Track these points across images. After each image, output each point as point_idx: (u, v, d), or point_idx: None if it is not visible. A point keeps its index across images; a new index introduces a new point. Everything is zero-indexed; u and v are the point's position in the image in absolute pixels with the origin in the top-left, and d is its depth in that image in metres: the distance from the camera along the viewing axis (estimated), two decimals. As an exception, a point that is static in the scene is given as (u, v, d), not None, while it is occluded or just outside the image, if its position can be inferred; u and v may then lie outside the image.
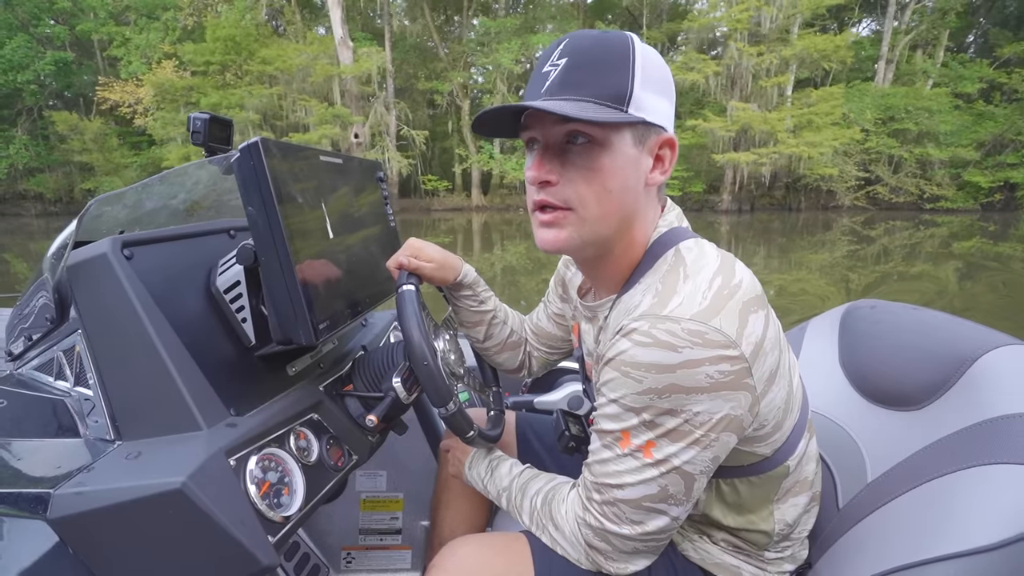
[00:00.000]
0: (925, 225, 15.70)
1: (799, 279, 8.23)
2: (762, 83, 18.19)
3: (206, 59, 18.53)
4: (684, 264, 0.70)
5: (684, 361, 0.62)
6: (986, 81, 19.39)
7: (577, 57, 0.65)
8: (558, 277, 1.06)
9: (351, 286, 0.96)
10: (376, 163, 1.19)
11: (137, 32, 20.37)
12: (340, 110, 18.59)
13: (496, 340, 1.09)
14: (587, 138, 0.66)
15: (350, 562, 1.43)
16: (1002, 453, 0.66)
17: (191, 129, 0.87)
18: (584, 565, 0.78)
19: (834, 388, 1.02)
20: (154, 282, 0.77)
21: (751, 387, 0.65)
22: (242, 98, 18.04)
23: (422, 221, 18.55)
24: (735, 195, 19.80)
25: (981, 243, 12.01)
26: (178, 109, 18.74)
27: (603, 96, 0.65)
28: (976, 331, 0.87)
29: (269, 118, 19.10)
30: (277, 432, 0.81)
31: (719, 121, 17.95)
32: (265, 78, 18.89)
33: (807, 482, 0.83)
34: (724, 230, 15.07)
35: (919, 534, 0.66)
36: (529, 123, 0.70)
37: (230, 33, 18.38)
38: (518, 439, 1.17)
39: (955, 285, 7.70)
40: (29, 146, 20.87)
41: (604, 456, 0.71)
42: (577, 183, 0.68)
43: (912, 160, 18.92)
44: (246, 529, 0.68)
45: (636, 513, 0.70)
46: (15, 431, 0.82)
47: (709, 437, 0.65)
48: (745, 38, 17.86)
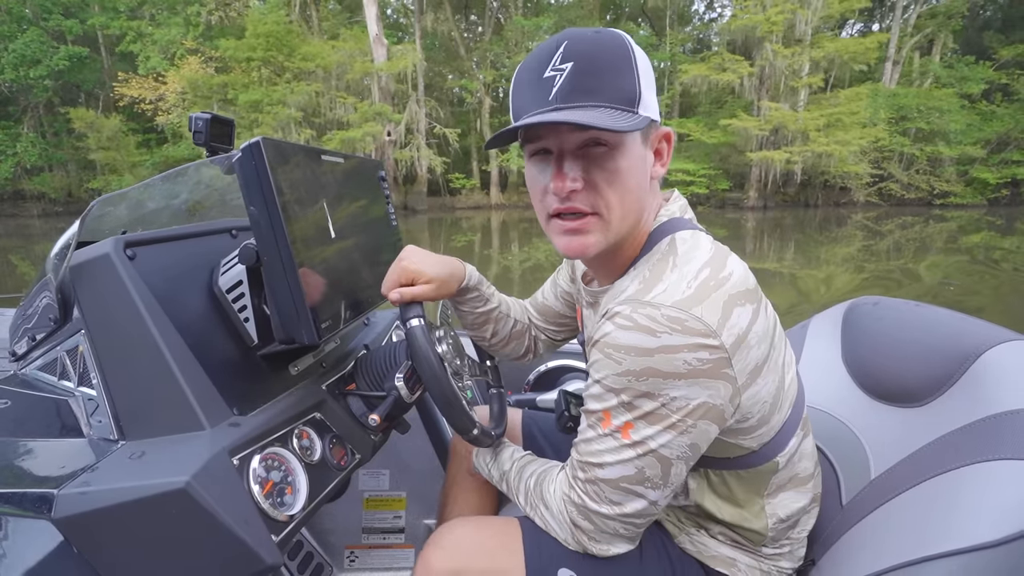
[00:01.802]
0: (936, 220, 16.21)
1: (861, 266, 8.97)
2: (793, 83, 18.68)
3: (247, 55, 18.29)
4: (675, 254, 0.71)
5: (662, 346, 0.63)
6: (986, 81, 20.15)
7: (584, 63, 0.65)
8: (566, 260, 1.07)
9: (353, 285, 0.96)
10: (378, 162, 1.19)
11: (155, 27, 20.08)
12: (382, 107, 18.50)
13: (502, 335, 1.10)
14: (604, 143, 0.67)
15: (353, 561, 1.44)
16: (1006, 449, 0.66)
17: (193, 129, 0.88)
18: (571, 545, 0.79)
19: (837, 385, 1.01)
20: (157, 282, 0.77)
21: (731, 377, 0.66)
22: (284, 95, 17.85)
23: (446, 219, 18.65)
24: (761, 192, 20.26)
25: (989, 236, 12.54)
26: (212, 106, 18.41)
27: (617, 100, 0.66)
28: (979, 327, 0.86)
29: (307, 115, 18.90)
30: (280, 431, 0.81)
31: (753, 120, 18.34)
32: (304, 75, 18.66)
33: (801, 479, 0.83)
34: (752, 226, 15.45)
35: (923, 530, 0.65)
36: (541, 133, 0.69)
37: (273, 29, 18.19)
38: (524, 437, 1.18)
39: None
40: (36, 143, 20.44)
41: (588, 435, 0.73)
42: (601, 188, 0.69)
43: (923, 158, 19.51)
44: (250, 528, 0.68)
45: (615, 493, 0.72)
46: (19, 431, 0.82)
47: (686, 423, 0.67)
48: (780, 39, 18.38)
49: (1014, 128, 18.98)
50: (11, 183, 20.78)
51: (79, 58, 20.18)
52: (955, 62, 21.02)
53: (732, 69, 18.29)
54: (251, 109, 17.75)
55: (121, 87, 19.15)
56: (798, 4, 17.76)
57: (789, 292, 6.97)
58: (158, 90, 18.94)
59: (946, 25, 20.66)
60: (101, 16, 20.45)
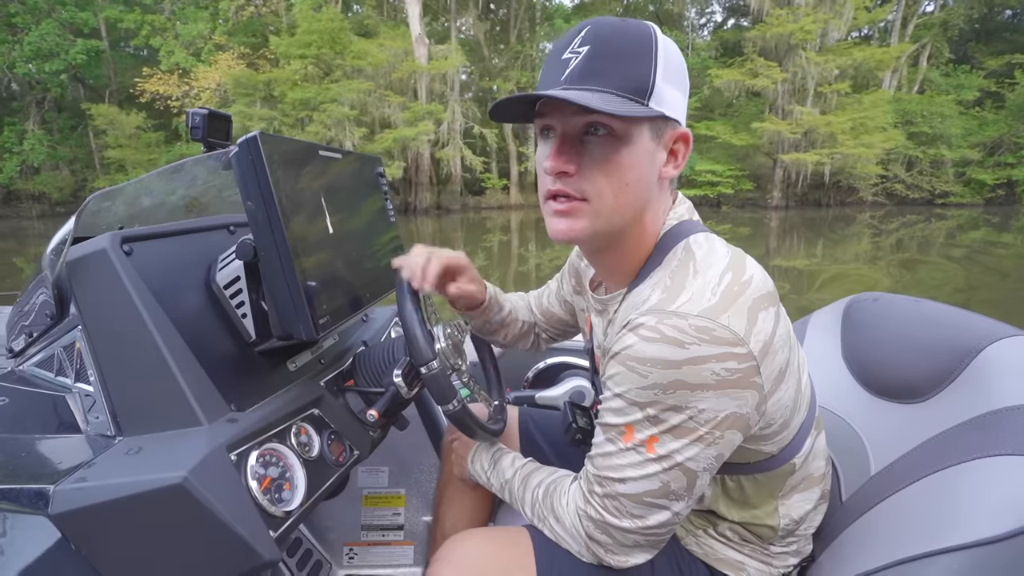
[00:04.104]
0: (937, 217, 17.34)
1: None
2: (821, 88, 19.45)
3: (301, 51, 18.10)
4: (694, 259, 0.69)
5: (690, 358, 0.61)
6: (977, 89, 21.83)
7: (600, 46, 0.64)
8: (571, 267, 1.06)
9: (351, 281, 0.96)
10: (376, 158, 1.19)
11: (174, 22, 19.76)
12: (434, 106, 18.48)
13: (512, 336, 1.13)
14: (607, 130, 0.65)
15: (352, 558, 1.43)
16: (1006, 445, 0.66)
17: (190, 124, 0.87)
18: (585, 557, 0.78)
19: (837, 381, 1.01)
20: (154, 278, 0.77)
21: (759, 385, 0.65)
22: (338, 93, 17.66)
23: (471, 219, 18.91)
24: (784, 192, 21.08)
25: (986, 232, 13.72)
26: (254, 103, 18.23)
27: (625, 88, 0.64)
28: (980, 323, 0.86)
29: (357, 114, 18.84)
30: (278, 427, 0.81)
31: (784, 124, 19.10)
32: (353, 73, 18.49)
33: (814, 479, 0.82)
34: (776, 225, 16.12)
35: (923, 526, 0.65)
36: (546, 111, 0.68)
37: (328, 26, 18.01)
38: (521, 434, 1.17)
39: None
40: (43, 140, 19.76)
41: (607, 449, 0.71)
42: (595, 175, 0.67)
43: (926, 160, 20.66)
44: (247, 523, 0.67)
45: (637, 507, 0.70)
46: (16, 427, 0.82)
47: (713, 435, 0.65)
48: (815, 47, 19.28)
49: (1007, 132, 20.43)
50: (16, 182, 20.26)
51: (96, 52, 19.71)
52: (951, 70, 22.43)
53: (765, 74, 19.05)
54: (299, 107, 17.60)
55: (144, 83, 18.72)
56: (832, 14, 18.75)
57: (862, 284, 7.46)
58: (182, 87, 18.60)
59: (942, 35, 22.18)
60: (113, 9, 20.04)
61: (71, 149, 20.62)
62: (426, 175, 20.06)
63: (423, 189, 20.32)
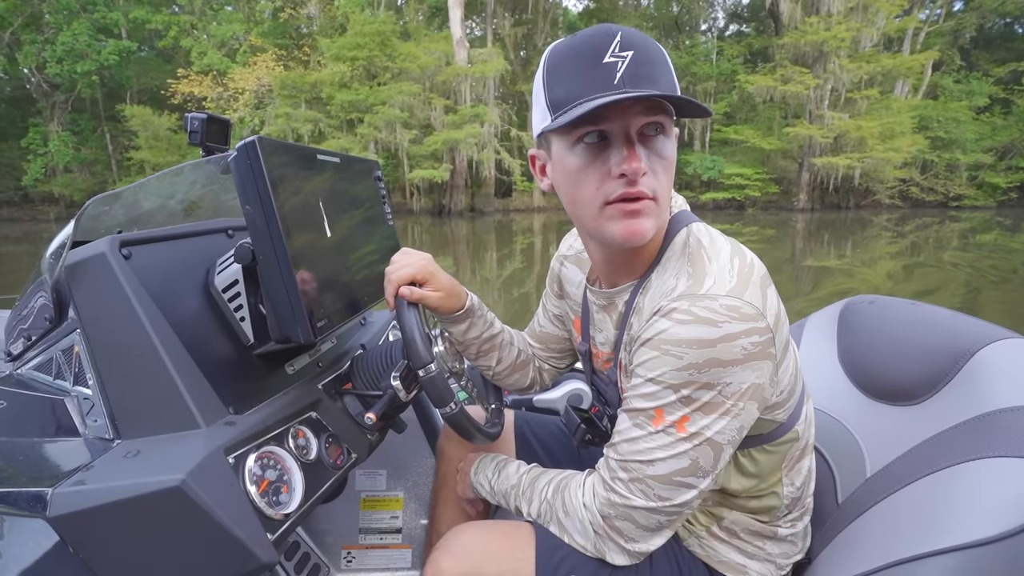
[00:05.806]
0: (952, 220, 17.78)
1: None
2: (851, 94, 20.25)
3: (352, 54, 18.19)
4: (703, 247, 0.74)
5: (724, 335, 0.65)
6: (988, 96, 22.80)
7: (642, 53, 0.66)
8: (552, 276, 1.06)
9: (349, 284, 0.97)
10: (374, 162, 1.19)
11: (207, 23, 19.69)
12: (481, 109, 18.58)
13: (507, 363, 1.08)
14: (659, 129, 0.69)
15: (350, 561, 1.44)
16: (1001, 446, 0.66)
17: (188, 128, 0.88)
18: (589, 552, 0.79)
19: (833, 383, 1.01)
20: (152, 281, 0.77)
21: (773, 356, 0.69)
22: (389, 95, 17.80)
23: (501, 221, 19.02)
24: (809, 195, 21.62)
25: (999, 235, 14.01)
26: (299, 105, 18.22)
27: (670, 91, 0.67)
28: (974, 325, 0.86)
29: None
30: (276, 430, 0.81)
31: (816, 128, 19.78)
32: (401, 75, 18.54)
33: (809, 446, 0.85)
34: (806, 227, 16.41)
35: (919, 528, 0.65)
36: (606, 116, 0.68)
37: (381, 29, 18.18)
38: (516, 439, 1.17)
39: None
40: (68, 142, 19.55)
41: (634, 435, 0.72)
42: (659, 173, 0.70)
43: (942, 164, 21.41)
44: (245, 526, 0.68)
45: (665, 488, 0.72)
46: (14, 431, 0.82)
47: (737, 407, 0.68)
48: (847, 54, 19.81)
49: (1019, 137, 21.36)
50: (37, 184, 19.99)
51: (129, 52, 19.49)
52: (963, 77, 23.31)
53: (798, 80, 19.55)
54: (347, 108, 17.68)
55: (177, 84, 18.61)
56: (863, 23, 19.69)
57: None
58: (216, 88, 18.53)
59: (953, 43, 22.75)
60: (141, 10, 19.82)
61: (92, 151, 20.51)
62: (462, 178, 20.10)
63: (458, 192, 20.37)
